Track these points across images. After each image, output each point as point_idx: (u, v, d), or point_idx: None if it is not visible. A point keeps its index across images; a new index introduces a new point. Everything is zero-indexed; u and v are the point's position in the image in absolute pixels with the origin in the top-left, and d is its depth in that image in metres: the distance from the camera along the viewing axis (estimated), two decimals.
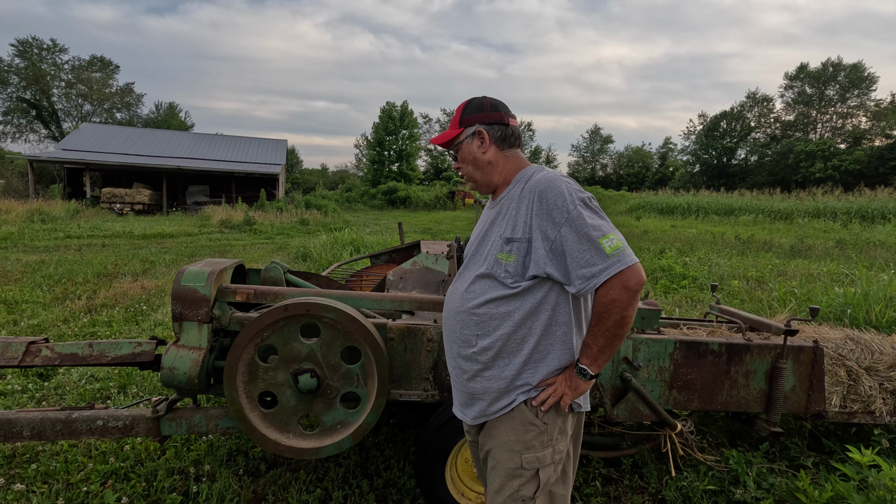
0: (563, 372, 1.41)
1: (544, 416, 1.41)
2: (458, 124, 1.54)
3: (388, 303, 2.35)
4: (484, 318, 1.43)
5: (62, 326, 4.74)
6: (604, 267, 1.28)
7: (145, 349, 2.23)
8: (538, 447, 1.41)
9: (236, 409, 2.09)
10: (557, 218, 1.33)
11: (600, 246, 1.28)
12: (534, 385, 1.42)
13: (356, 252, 8.90)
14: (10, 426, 2.11)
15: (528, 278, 1.38)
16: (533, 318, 1.40)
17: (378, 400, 2.14)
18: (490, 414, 1.46)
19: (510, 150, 1.52)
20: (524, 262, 1.38)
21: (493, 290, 1.42)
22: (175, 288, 2.14)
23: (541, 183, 1.39)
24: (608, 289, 1.29)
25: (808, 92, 46.17)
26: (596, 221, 1.32)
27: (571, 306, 1.41)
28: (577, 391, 1.40)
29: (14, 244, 10.73)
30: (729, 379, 2.47)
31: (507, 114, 1.52)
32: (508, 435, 1.42)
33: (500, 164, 1.52)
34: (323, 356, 2.13)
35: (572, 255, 1.31)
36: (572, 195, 1.34)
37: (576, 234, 1.30)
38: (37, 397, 3.22)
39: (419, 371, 2.33)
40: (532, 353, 1.41)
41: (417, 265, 3.31)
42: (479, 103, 1.53)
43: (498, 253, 1.42)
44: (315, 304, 2.07)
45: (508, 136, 1.51)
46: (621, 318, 1.30)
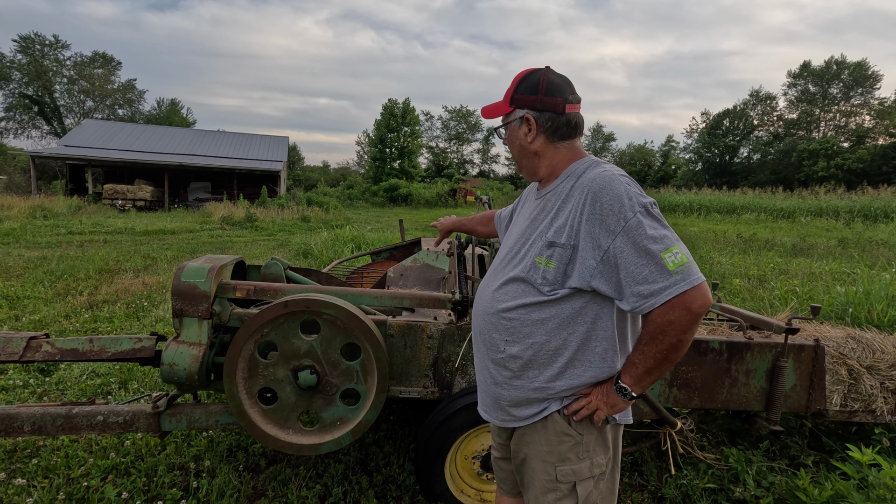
0: (600, 385, 1.29)
1: (578, 426, 1.30)
2: (510, 102, 1.37)
3: (388, 299, 2.35)
4: (514, 323, 1.30)
5: (64, 322, 4.75)
6: (665, 285, 1.12)
7: (145, 345, 2.23)
8: (574, 459, 1.30)
9: (236, 405, 2.10)
10: (613, 226, 1.17)
11: (662, 261, 1.13)
12: (568, 395, 1.31)
13: (357, 249, 8.90)
14: (10, 421, 2.12)
15: (568, 287, 1.24)
16: (570, 329, 1.26)
17: (378, 397, 2.14)
18: (519, 419, 1.36)
19: (563, 141, 1.35)
20: (566, 270, 1.23)
21: (526, 294, 1.29)
22: (175, 284, 2.14)
23: (595, 182, 1.22)
24: (668, 309, 1.13)
25: (811, 90, 45.98)
26: (658, 232, 1.16)
27: (616, 320, 1.27)
28: (613, 409, 1.27)
29: (16, 240, 10.75)
30: (729, 377, 2.46)
31: (564, 100, 1.31)
32: (542, 445, 1.33)
33: (549, 155, 1.36)
34: (323, 353, 2.13)
35: (627, 270, 1.16)
36: (632, 199, 1.18)
37: (633, 245, 1.15)
38: (38, 392, 3.23)
39: (419, 368, 2.33)
40: (566, 367, 1.28)
41: (418, 262, 3.31)
42: (534, 81, 1.33)
43: (537, 256, 1.27)
44: (315, 300, 2.07)
45: (561, 126, 1.33)
46: (678, 341, 1.16)
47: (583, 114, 1.39)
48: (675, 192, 31.12)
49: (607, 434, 1.34)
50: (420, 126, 44.24)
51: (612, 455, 1.36)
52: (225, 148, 29.60)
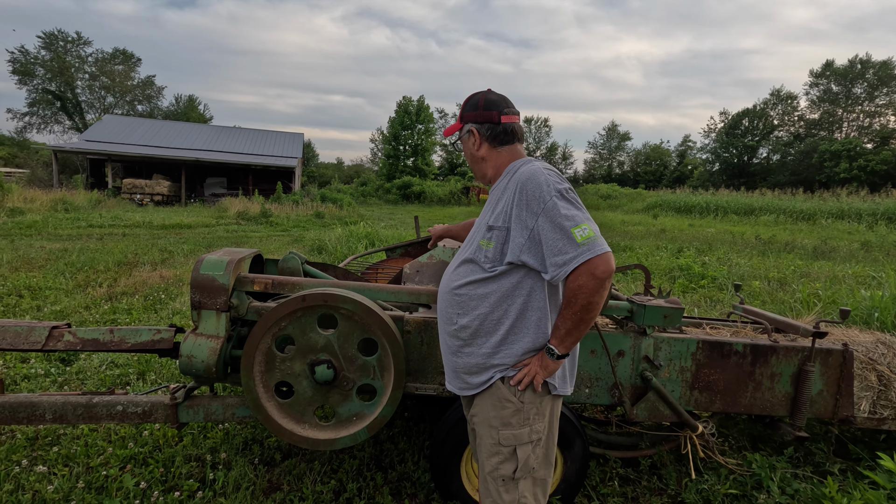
0: (536, 353, 1.49)
1: (521, 395, 1.48)
2: (460, 119, 1.66)
3: (406, 295, 2.33)
4: (464, 298, 1.53)
5: (84, 313, 4.83)
6: (574, 255, 1.34)
7: (164, 336, 2.24)
8: (515, 425, 1.48)
9: (253, 398, 2.10)
10: (535, 208, 1.40)
11: (572, 235, 1.35)
12: (510, 365, 1.50)
13: (371, 246, 8.92)
14: (33, 409, 2.15)
15: (505, 264, 1.47)
16: (508, 302, 1.48)
17: (394, 392, 2.13)
18: (471, 386, 1.55)
19: (503, 146, 1.60)
20: (502, 248, 1.47)
21: (473, 272, 1.53)
22: (194, 276, 2.15)
23: (523, 175, 1.46)
24: (577, 275, 1.35)
25: (834, 90, 44.92)
26: (570, 212, 1.37)
27: (547, 293, 1.49)
28: (547, 370, 1.47)
29: (38, 232, 10.99)
30: (753, 381, 2.40)
31: (500, 112, 1.57)
32: (488, 411, 1.51)
33: (493, 159, 1.61)
34: (340, 347, 2.12)
35: (547, 244, 1.38)
36: (550, 186, 1.40)
37: (550, 223, 1.37)
38: (59, 381, 3.28)
39: (435, 365, 2.31)
40: (507, 334, 1.49)
41: (434, 259, 3.28)
42: (474, 101, 1.61)
43: (481, 240, 1.52)
44: (333, 294, 2.06)
45: (499, 133, 1.58)
46: (588, 303, 1.36)
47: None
48: (692, 193, 30.65)
49: (546, 404, 1.52)
50: (434, 124, 44.19)
51: (548, 423, 1.54)
52: (241, 144, 29.91)
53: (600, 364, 2.33)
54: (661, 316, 2.27)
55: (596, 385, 2.34)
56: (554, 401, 1.56)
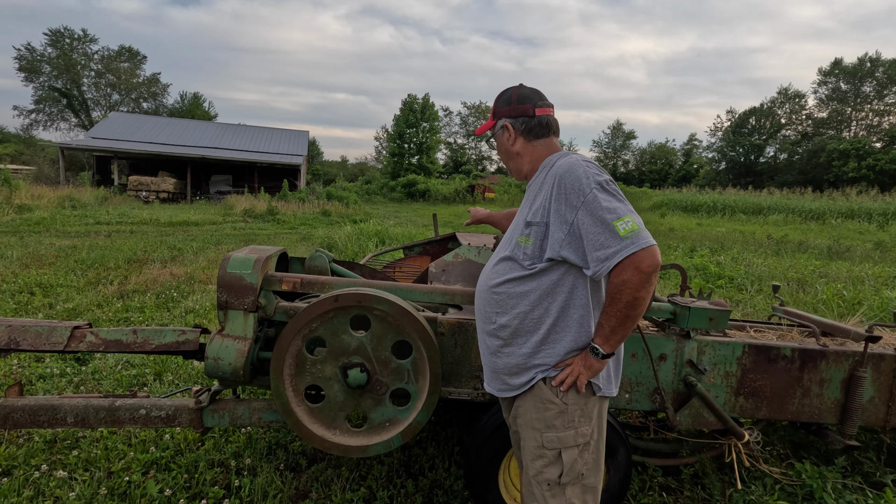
0: (579, 353, 1.44)
1: (564, 396, 1.43)
2: (493, 116, 1.62)
3: (439, 295, 2.24)
4: (503, 296, 1.48)
5: (96, 311, 4.76)
6: (617, 249, 1.28)
7: (189, 338, 2.15)
8: (559, 427, 1.42)
9: (283, 402, 2.01)
10: (574, 202, 1.35)
11: (614, 228, 1.29)
12: (552, 365, 1.45)
13: (381, 244, 8.84)
14: (54, 412, 2.06)
15: (545, 261, 1.42)
16: (549, 299, 1.43)
17: (430, 398, 2.04)
18: (512, 388, 1.50)
19: (539, 139, 1.56)
20: (541, 245, 1.42)
21: (512, 270, 1.48)
22: (221, 275, 2.06)
23: (560, 168, 1.41)
24: (621, 270, 1.29)
25: (842, 88, 44.52)
26: (611, 204, 1.32)
27: (590, 290, 1.43)
28: (592, 370, 1.41)
29: (47, 229, 10.95)
30: (801, 387, 2.30)
31: (534, 104, 1.54)
32: (531, 413, 1.46)
33: (529, 153, 1.57)
34: (373, 350, 2.02)
35: (588, 238, 1.33)
36: (589, 178, 1.35)
37: (591, 216, 1.32)
38: (75, 381, 3.20)
39: (469, 368, 2.22)
40: (548, 333, 1.44)
41: (460, 257, 3.19)
42: (507, 96, 1.58)
43: (519, 236, 1.48)
44: (367, 295, 1.97)
45: (534, 127, 1.54)
46: (633, 299, 1.30)
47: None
48: (699, 192, 30.43)
49: (592, 406, 1.45)
50: (439, 122, 44.06)
51: (595, 427, 1.47)
52: (246, 141, 29.86)
53: (641, 368, 2.23)
54: (707, 318, 2.16)
55: (636, 390, 2.24)
56: (600, 402, 1.50)
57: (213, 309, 4.99)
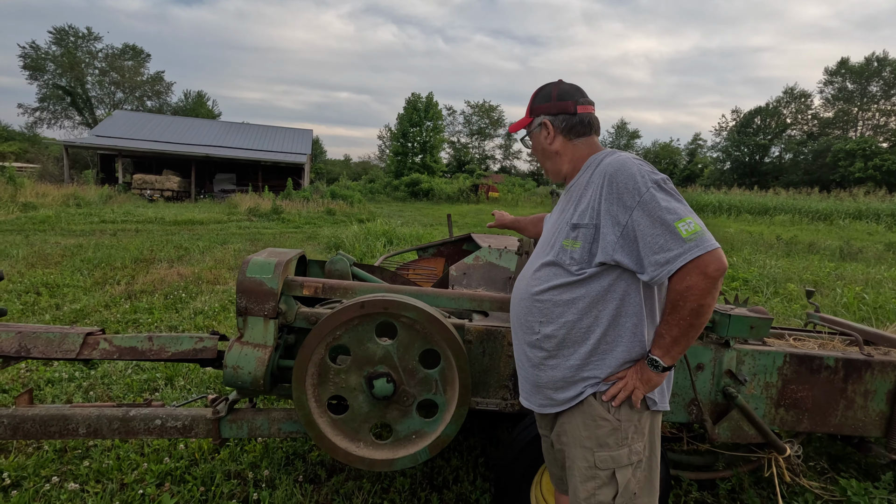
0: (633, 365, 1.35)
1: (616, 411, 1.34)
2: (529, 113, 1.54)
3: (467, 302, 2.14)
4: (547, 304, 1.39)
5: (104, 312, 4.68)
6: (680, 252, 1.20)
7: (207, 345, 2.06)
8: (612, 445, 1.34)
9: (305, 413, 1.92)
10: (628, 202, 1.26)
11: (676, 230, 1.21)
12: (602, 378, 1.35)
13: (389, 244, 8.75)
14: (65, 422, 1.98)
15: (595, 265, 1.32)
16: (599, 307, 1.34)
17: (459, 410, 1.94)
18: (556, 403, 1.41)
19: (580, 138, 1.48)
20: (591, 248, 1.33)
21: (557, 276, 1.38)
22: (240, 280, 1.97)
23: (610, 166, 1.33)
24: (684, 275, 1.20)
25: (849, 88, 44.22)
26: (671, 204, 1.24)
27: (643, 296, 1.34)
28: (650, 384, 1.32)
29: (52, 227, 10.89)
30: (845, 398, 2.19)
31: (576, 102, 1.47)
32: (580, 431, 1.37)
33: (569, 152, 1.49)
34: (399, 359, 1.93)
35: (645, 241, 1.24)
36: (644, 177, 1.28)
37: (648, 217, 1.24)
38: (84, 386, 3.12)
39: (498, 378, 2.12)
40: (598, 343, 1.35)
41: (480, 260, 3.09)
42: (546, 92, 1.51)
43: (564, 240, 1.38)
44: (394, 301, 1.88)
45: (575, 125, 1.47)
46: (699, 306, 1.21)
47: (605, 110, 1.55)
48: (704, 192, 30.26)
49: (645, 421, 1.36)
50: (442, 121, 43.92)
51: (648, 443, 1.38)
52: (250, 140, 29.79)
53: (677, 378, 2.13)
54: (748, 327, 2.06)
55: (672, 401, 2.14)
56: (653, 417, 1.41)
57: (222, 310, 4.91)
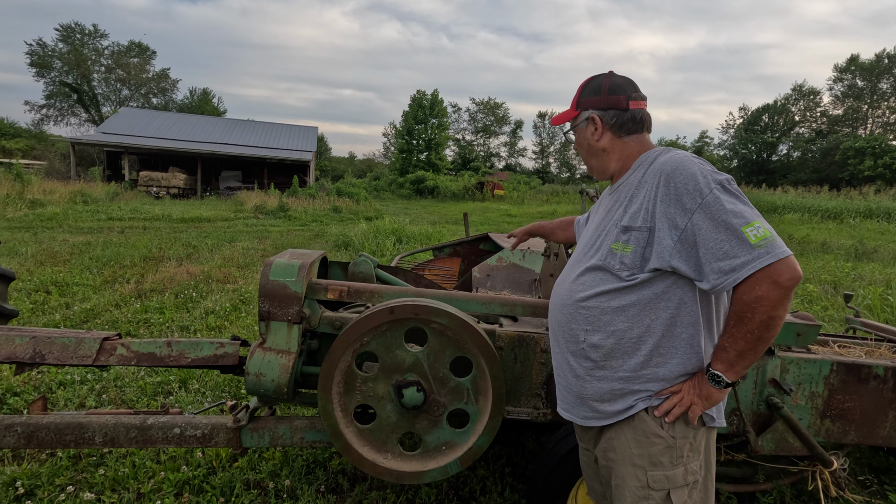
0: (690, 378, 1.26)
1: (671, 428, 1.26)
2: (575, 106, 1.45)
3: (499, 306, 2.04)
4: (594, 311, 1.30)
5: (114, 311, 4.62)
6: (748, 259, 1.10)
7: (228, 351, 1.98)
8: (667, 464, 1.25)
9: (331, 423, 1.83)
10: (688, 203, 1.17)
11: (743, 235, 1.11)
12: (655, 392, 1.27)
13: (398, 242, 8.66)
14: (81, 431, 1.90)
15: (648, 271, 1.23)
16: (651, 315, 1.25)
17: (492, 420, 1.85)
18: (603, 416, 1.32)
19: (630, 135, 1.39)
20: (643, 253, 1.24)
21: (604, 282, 1.29)
22: (263, 283, 1.88)
23: (667, 165, 1.23)
24: (753, 284, 1.11)
25: (859, 85, 43.74)
26: (737, 206, 1.14)
27: (700, 305, 1.25)
28: (709, 401, 1.23)
29: (59, 224, 10.87)
30: (895, 409, 2.09)
31: (628, 96, 1.37)
32: (631, 447, 1.28)
33: (618, 150, 1.40)
34: (429, 367, 1.84)
35: (707, 246, 1.15)
36: (707, 177, 1.18)
37: (712, 221, 1.14)
38: (97, 389, 3.05)
39: (530, 386, 2.03)
40: (651, 354, 1.26)
41: (504, 261, 3.00)
42: (597, 85, 1.41)
43: (613, 243, 1.29)
44: (425, 306, 1.79)
45: (626, 121, 1.37)
46: (769, 318, 1.12)
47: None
48: None
49: (700, 438, 1.29)
50: (447, 118, 43.76)
51: (704, 462, 1.30)
52: (255, 137, 29.76)
53: None
54: (794, 334, 1.96)
55: None
56: (709, 434, 1.32)
57: (233, 310, 4.84)
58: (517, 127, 59.77)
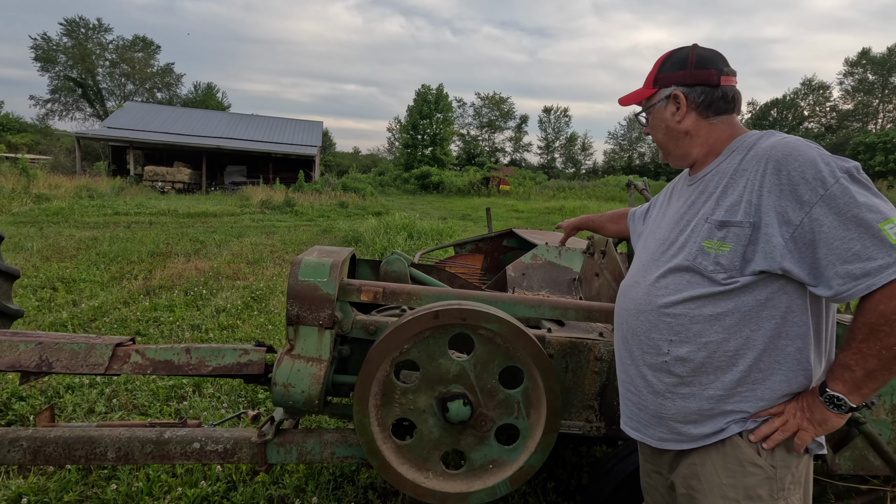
0: (796, 399, 1.09)
1: (770, 456, 1.09)
2: (653, 83, 1.28)
3: (549, 309, 1.85)
4: (681, 319, 1.14)
5: (123, 309, 4.46)
6: (888, 262, 0.93)
7: (253, 359, 1.80)
8: (765, 498, 1.09)
9: (368, 440, 1.65)
10: (807, 195, 1.00)
11: (881, 233, 0.94)
12: (751, 413, 1.10)
13: (409, 238, 8.48)
14: (92, 445, 1.73)
15: (750, 273, 1.06)
16: (752, 326, 1.08)
17: (546, 437, 1.67)
18: (686, 439, 1.16)
19: (719, 116, 1.21)
20: (745, 252, 1.06)
21: (694, 286, 1.13)
22: (292, 284, 1.70)
23: (775, 150, 1.06)
24: (892, 293, 0.93)
25: (870, 79, 43.15)
26: (869, 199, 0.97)
27: (811, 313, 1.08)
28: (824, 426, 1.06)
29: (65, 219, 10.74)
30: None
31: (719, 71, 1.20)
32: (721, 477, 1.12)
33: (703, 133, 1.22)
34: (477, 377, 1.66)
35: (830, 246, 0.98)
36: (830, 164, 1.00)
37: (838, 216, 0.97)
38: (106, 392, 2.89)
39: (582, 397, 1.85)
40: (749, 370, 1.09)
41: (539, 259, 2.82)
42: (682, 57, 1.23)
43: (704, 240, 1.12)
44: (474, 311, 1.60)
45: (716, 99, 1.19)
46: None
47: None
48: None
49: (802, 468, 1.13)
50: (452, 113, 43.47)
51: (802, 495, 1.15)
52: (260, 132, 29.61)
53: None
54: None
55: None
56: (808, 461, 1.17)
57: (245, 308, 4.67)
58: (522, 122, 59.38)
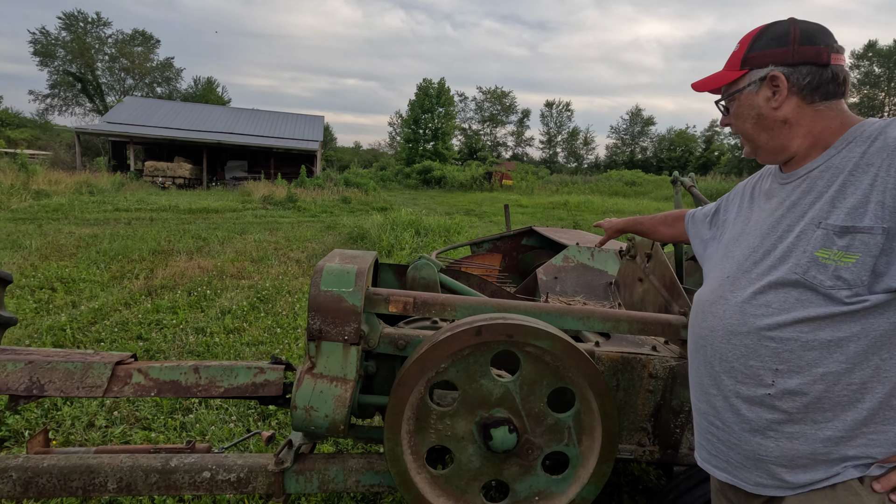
0: None
1: None
2: (741, 63, 1.08)
3: (599, 322, 1.66)
4: (790, 345, 0.97)
5: (124, 311, 4.28)
6: None
7: (270, 378, 1.61)
8: None
9: (400, 471, 1.47)
10: None
11: None
12: (878, 459, 0.94)
13: (416, 234, 8.28)
14: (91, 476, 1.55)
15: (884, 291, 0.90)
16: (884, 354, 0.93)
17: (600, 467, 1.48)
18: (789, 486, 0.99)
19: (826, 101, 1.02)
20: (875, 265, 0.90)
21: (806, 305, 0.95)
22: (314, 295, 1.51)
23: None
24: None
25: (876, 72, 42.70)
26: None
27: None
28: None
29: (65, 216, 10.55)
30: None
31: (828, 48, 1.01)
32: None
33: (807, 121, 1.03)
34: (522, 400, 1.47)
35: None
36: None
37: None
38: (107, 404, 2.70)
39: (634, 418, 1.67)
40: (879, 408, 0.93)
41: (571, 261, 2.62)
42: (781, 32, 1.03)
43: (818, 249, 0.94)
44: (521, 326, 1.41)
45: (825, 81, 1.01)
46: None
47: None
48: (723, 179, 29.43)
49: None
50: (454, 107, 43.13)
51: None
52: (261, 127, 29.32)
53: None
54: None
55: None
56: None
57: (251, 310, 4.48)
58: (524, 116, 58.97)
